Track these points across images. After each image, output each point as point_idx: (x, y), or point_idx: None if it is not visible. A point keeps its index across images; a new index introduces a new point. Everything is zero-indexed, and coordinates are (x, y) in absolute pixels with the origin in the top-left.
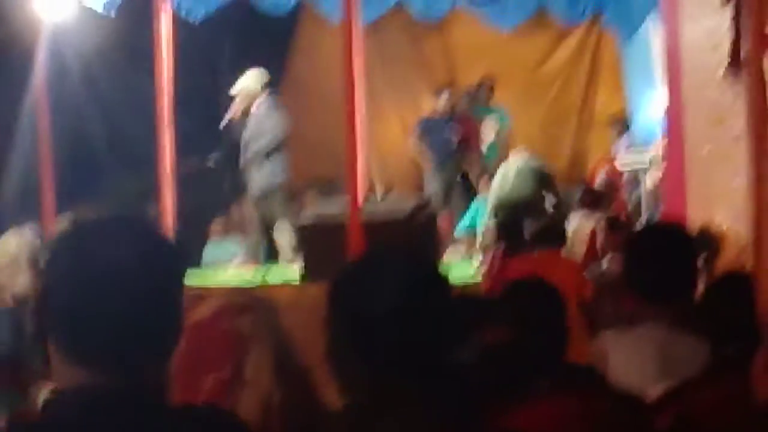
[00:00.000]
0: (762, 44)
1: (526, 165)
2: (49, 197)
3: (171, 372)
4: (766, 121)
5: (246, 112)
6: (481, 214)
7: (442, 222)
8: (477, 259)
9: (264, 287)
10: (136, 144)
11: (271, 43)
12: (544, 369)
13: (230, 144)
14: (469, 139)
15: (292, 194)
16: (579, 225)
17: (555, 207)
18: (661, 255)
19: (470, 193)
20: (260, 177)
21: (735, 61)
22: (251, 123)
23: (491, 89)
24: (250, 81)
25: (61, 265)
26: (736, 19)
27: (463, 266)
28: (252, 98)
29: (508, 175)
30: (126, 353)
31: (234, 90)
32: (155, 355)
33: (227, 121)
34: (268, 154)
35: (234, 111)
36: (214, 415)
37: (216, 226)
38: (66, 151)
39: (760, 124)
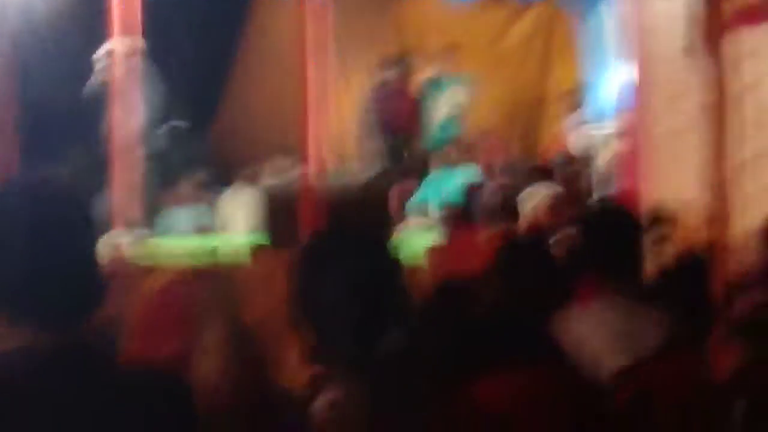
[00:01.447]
0: (720, 26)
1: None
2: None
3: (130, 342)
4: (723, 101)
5: None
6: (433, 188)
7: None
8: (431, 234)
9: (218, 254)
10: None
11: (229, 16)
12: (518, 341)
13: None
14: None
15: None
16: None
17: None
18: (615, 231)
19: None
20: None
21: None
22: None
23: (452, 58)
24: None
25: None
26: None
27: (415, 241)
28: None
29: None
30: (55, 312)
31: (100, 52)
32: (82, 309)
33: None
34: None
35: (101, 73)
36: (158, 373)
37: (183, 189)
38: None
39: (717, 105)
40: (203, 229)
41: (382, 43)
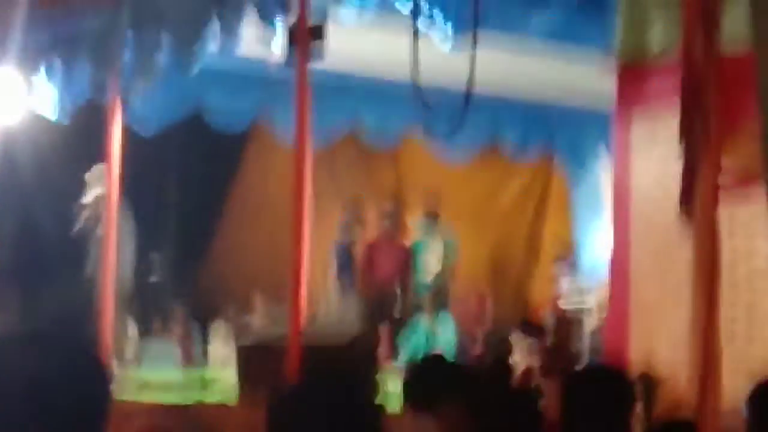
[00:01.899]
0: (715, 194)
1: None
2: None
3: None
4: (714, 272)
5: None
6: (420, 332)
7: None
8: None
9: (198, 406)
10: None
11: (221, 159)
12: None
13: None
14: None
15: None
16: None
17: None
18: (599, 400)
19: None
20: None
21: (685, 206)
22: None
23: (436, 221)
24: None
25: None
26: (688, 164)
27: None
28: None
29: None
30: None
31: (86, 199)
32: None
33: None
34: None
35: (85, 219)
36: None
37: (157, 324)
38: (14, 255)
39: (708, 275)
40: (177, 364)
41: (377, 197)
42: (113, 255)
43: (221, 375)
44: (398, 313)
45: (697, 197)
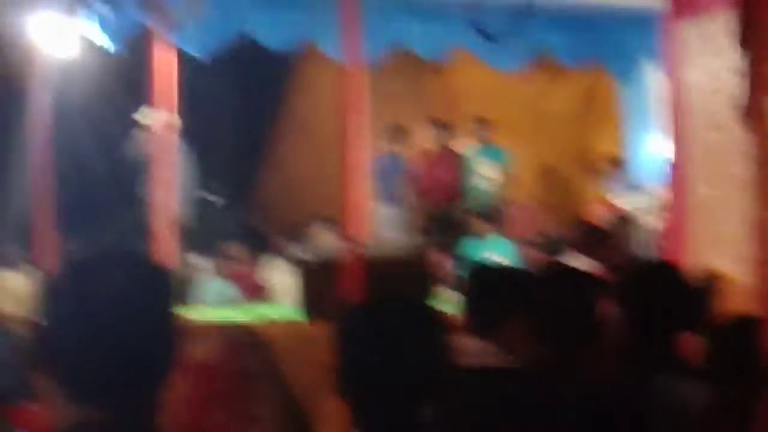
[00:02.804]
0: None
1: None
2: (46, 233)
3: (179, 409)
4: None
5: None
6: (472, 254)
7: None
8: None
9: (263, 324)
10: (137, 180)
11: (272, 81)
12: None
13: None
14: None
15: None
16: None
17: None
18: (660, 293)
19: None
20: None
21: (743, 105)
22: None
23: (488, 129)
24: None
25: (57, 304)
26: (750, 64)
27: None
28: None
29: None
30: (126, 388)
31: (144, 120)
32: (154, 387)
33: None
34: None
35: (142, 145)
36: None
37: (216, 263)
38: (66, 186)
39: (766, 171)
40: (230, 302)
41: (427, 109)
42: (171, 180)
43: (281, 310)
44: (455, 223)
45: (758, 99)
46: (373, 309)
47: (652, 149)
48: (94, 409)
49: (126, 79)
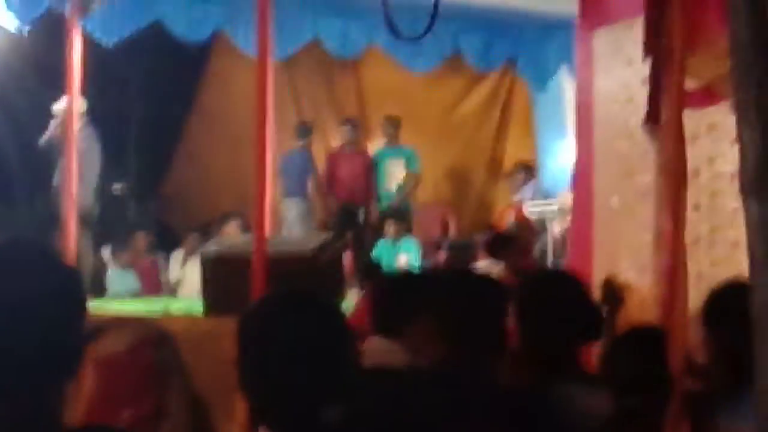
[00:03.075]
0: (681, 100)
1: None
2: None
3: (84, 406)
4: (681, 178)
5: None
6: (385, 255)
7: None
8: None
9: (165, 318)
10: (46, 165)
11: (183, 71)
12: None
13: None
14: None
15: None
16: (485, 272)
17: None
18: (556, 302)
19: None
20: None
21: (651, 114)
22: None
23: (396, 127)
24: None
25: None
26: (654, 72)
27: None
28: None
29: None
30: (28, 380)
31: (56, 107)
32: (57, 381)
33: (47, 140)
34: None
35: (53, 131)
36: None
37: (121, 255)
38: None
39: (675, 181)
40: (134, 294)
41: (338, 107)
42: (74, 169)
43: (184, 304)
44: (362, 222)
45: (663, 106)
46: (272, 304)
47: (565, 156)
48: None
49: (34, 61)
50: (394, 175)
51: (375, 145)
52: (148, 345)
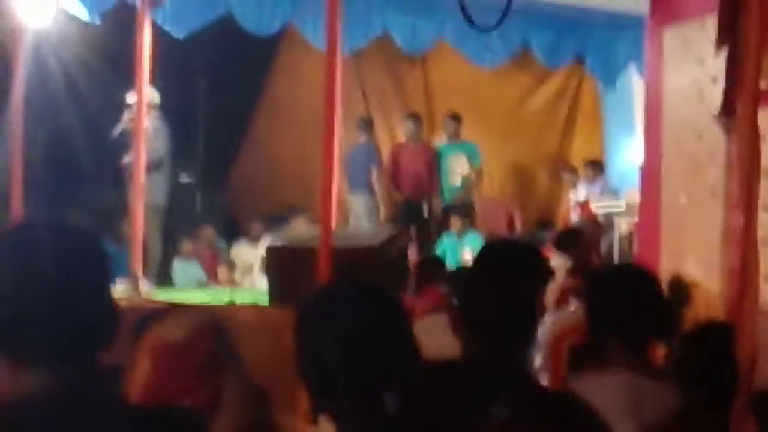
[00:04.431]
0: (756, 96)
1: None
2: (17, 204)
3: (139, 393)
4: (754, 175)
5: None
6: (449, 250)
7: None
8: None
9: (228, 307)
10: (114, 154)
11: (252, 63)
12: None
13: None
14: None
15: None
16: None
17: None
18: (631, 296)
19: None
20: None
21: (726, 108)
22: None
23: (458, 123)
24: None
25: None
26: (729, 66)
27: None
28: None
29: None
30: (61, 356)
31: (130, 99)
32: (92, 349)
33: (121, 131)
34: (148, 171)
35: (127, 121)
36: (170, 412)
37: (186, 245)
38: (43, 159)
39: (747, 178)
40: (200, 284)
41: (405, 101)
42: (144, 160)
43: (249, 295)
44: (426, 217)
45: (738, 101)
46: (332, 294)
47: (632, 154)
48: (43, 373)
49: (105, 53)
50: (457, 170)
51: (437, 141)
52: (204, 335)
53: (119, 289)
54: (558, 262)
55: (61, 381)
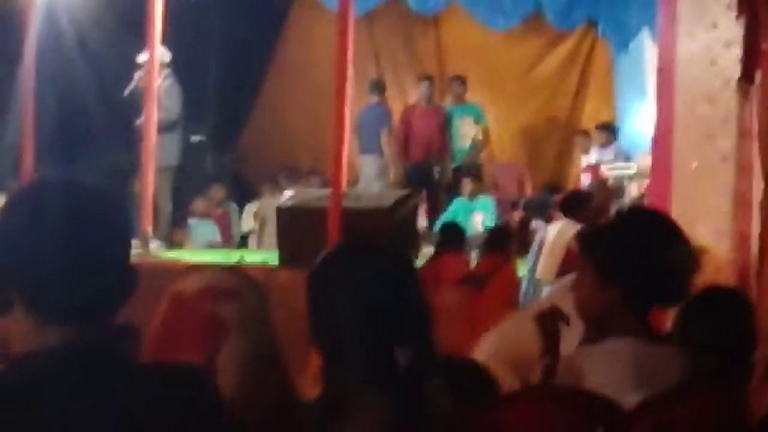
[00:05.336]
0: None
1: None
2: (28, 161)
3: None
4: None
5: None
6: (461, 213)
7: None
8: None
9: (240, 269)
10: (125, 114)
11: (264, 25)
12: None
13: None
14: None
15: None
16: (560, 231)
17: None
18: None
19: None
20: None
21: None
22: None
23: (464, 85)
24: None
25: (14, 224)
26: (748, 32)
27: None
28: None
29: None
30: (84, 306)
31: (141, 59)
32: (111, 307)
33: (131, 90)
34: (160, 131)
35: (138, 80)
36: (188, 371)
37: (199, 204)
38: (55, 118)
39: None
40: (213, 245)
41: (417, 63)
42: (155, 119)
43: (259, 255)
44: (437, 179)
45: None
46: (342, 254)
47: (644, 119)
48: (59, 330)
49: (118, 12)
50: (465, 132)
51: (444, 104)
52: (212, 294)
53: None
54: (565, 225)
55: (81, 337)
